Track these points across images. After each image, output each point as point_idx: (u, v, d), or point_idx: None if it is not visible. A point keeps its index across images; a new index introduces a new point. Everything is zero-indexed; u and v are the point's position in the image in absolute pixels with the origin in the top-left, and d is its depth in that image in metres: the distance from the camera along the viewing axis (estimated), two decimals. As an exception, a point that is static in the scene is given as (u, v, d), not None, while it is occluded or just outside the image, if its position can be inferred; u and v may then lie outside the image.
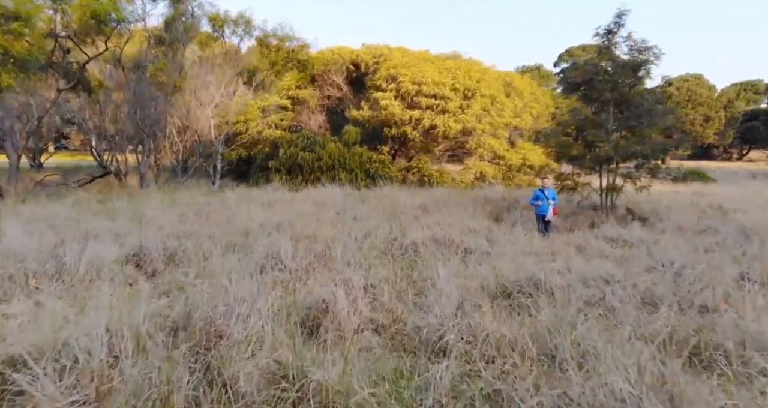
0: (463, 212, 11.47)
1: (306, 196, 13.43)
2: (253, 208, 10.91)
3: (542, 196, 9.57)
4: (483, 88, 18.40)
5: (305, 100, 22.03)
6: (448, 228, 9.00)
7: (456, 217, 10.27)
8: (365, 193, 14.30)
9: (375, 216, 10.34)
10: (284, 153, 17.07)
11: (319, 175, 16.96)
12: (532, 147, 19.25)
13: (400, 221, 9.67)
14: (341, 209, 11.08)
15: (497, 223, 10.44)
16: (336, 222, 9.38)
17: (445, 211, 11.41)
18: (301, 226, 8.63)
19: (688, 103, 49.48)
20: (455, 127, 17.58)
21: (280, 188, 16.01)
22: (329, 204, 12.22)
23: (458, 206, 12.35)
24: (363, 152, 17.53)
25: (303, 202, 12.39)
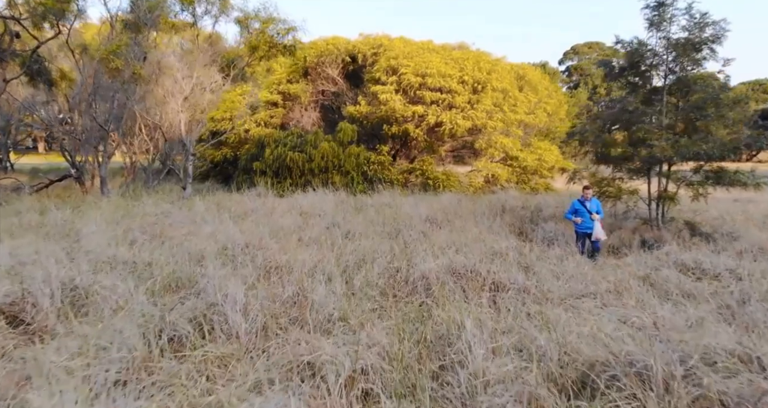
0: (480, 225, 9.48)
1: (292, 203, 11.42)
2: (223, 221, 8.91)
3: (583, 209, 7.59)
4: (494, 80, 16.42)
5: (297, 96, 20.02)
6: (464, 248, 7.01)
7: (473, 233, 8.27)
8: (362, 201, 12.29)
9: (372, 231, 8.35)
10: (270, 153, 15.07)
11: (310, 178, 14.96)
12: (548, 146, 17.25)
13: (403, 240, 7.67)
14: (332, 222, 9.07)
15: (524, 240, 8.45)
16: (323, 241, 7.37)
17: (458, 224, 9.42)
18: (277, 249, 6.63)
19: (699, 102, 47.46)
20: (463, 125, 15.60)
21: (264, 193, 14.00)
22: (318, 214, 10.22)
23: (472, 217, 10.36)
24: (360, 152, 15.54)
25: (287, 212, 10.39)
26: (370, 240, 7.47)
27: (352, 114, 17.31)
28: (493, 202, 13.09)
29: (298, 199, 12.17)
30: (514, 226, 9.63)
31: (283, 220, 9.15)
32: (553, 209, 11.41)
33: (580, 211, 7.63)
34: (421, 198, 14.02)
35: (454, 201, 12.95)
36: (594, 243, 7.39)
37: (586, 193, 7.72)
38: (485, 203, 12.74)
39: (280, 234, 7.82)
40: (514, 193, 15.00)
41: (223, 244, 6.76)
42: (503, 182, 15.97)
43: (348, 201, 12.30)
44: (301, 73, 20.50)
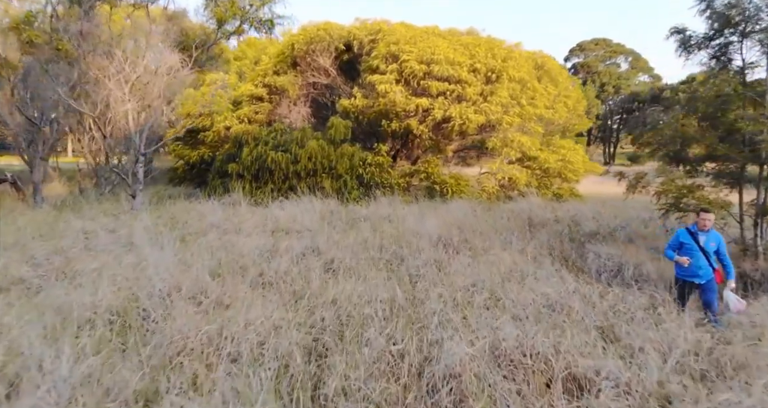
0: (509, 247, 7.20)
1: (267, 216, 9.11)
2: (167, 244, 6.61)
3: (692, 245, 4.86)
4: (511, 69, 14.13)
5: (284, 89, 17.71)
6: (500, 293, 4.72)
7: (505, 263, 5.98)
8: (355, 211, 10.00)
9: (365, 260, 6.05)
10: (249, 153, 12.77)
11: (296, 182, 12.66)
12: (572, 145, 14.94)
13: (409, 276, 5.38)
14: (311, 245, 6.76)
15: (574, 270, 6.18)
16: (291, 282, 5.08)
17: (480, 246, 7.13)
18: (215, 298, 4.34)
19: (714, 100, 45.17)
20: (476, 120, 13.30)
21: (240, 201, 11.71)
22: (297, 232, 7.94)
23: (495, 234, 8.08)
24: (354, 152, 13.24)
25: (258, 228, 8.11)
26: (361, 278, 5.17)
27: (346, 108, 15.01)
28: (516, 212, 10.81)
29: (276, 210, 9.87)
30: (554, 248, 7.34)
31: (247, 242, 6.86)
32: (595, 223, 9.13)
33: (687, 248, 4.86)
34: (427, 206, 11.73)
35: (468, 211, 10.66)
36: (709, 303, 4.73)
37: (704, 221, 4.87)
38: (506, 214, 10.47)
39: (235, 267, 5.51)
40: (536, 201, 12.71)
41: (134, 291, 4.45)
42: (521, 187, 13.67)
43: (338, 212, 10.00)
44: (289, 63, 18.18)
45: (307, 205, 10.84)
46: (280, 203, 11.48)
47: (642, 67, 57.82)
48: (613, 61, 57.97)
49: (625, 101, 52.38)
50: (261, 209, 10.43)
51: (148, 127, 10.26)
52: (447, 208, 11.44)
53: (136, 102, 11.04)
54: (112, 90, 10.50)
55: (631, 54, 57.87)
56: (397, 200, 12.34)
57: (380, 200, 12.11)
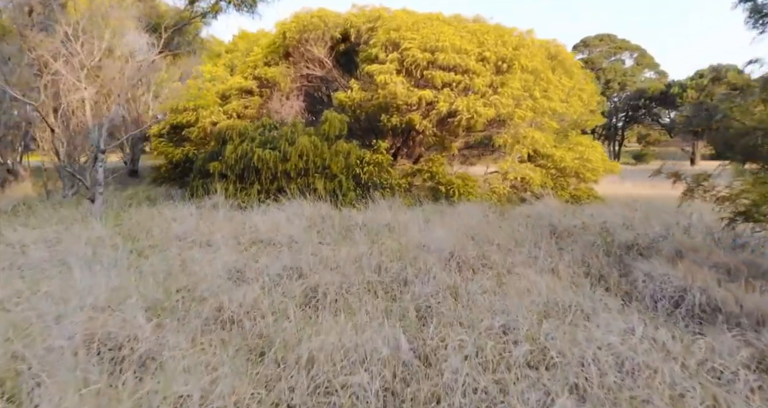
0: (534, 263, 5.89)
1: (246, 223, 7.79)
2: (110, 261, 5.28)
3: None
4: (523, 58, 12.79)
5: (276, 82, 16.37)
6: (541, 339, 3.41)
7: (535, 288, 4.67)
8: (350, 218, 8.67)
9: (358, 285, 4.73)
10: (233, 150, 11.43)
11: (285, 183, 11.34)
12: (590, 142, 13.61)
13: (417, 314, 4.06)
14: (292, 264, 5.42)
15: (625, 299, 4.87)
16: (258, 321, 3.76)
17: (501, 263, 5.81)
18: (141, 354, 3.02)
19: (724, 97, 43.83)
20: (485, 114, 11.97)
21: (221, 205, 10.40)
22: (279, 244, 6.63)
23: (516, 247, 6.78)
24: (351, 150, 11.91)
25: (231, 240, 6.78)
26: (352, 315, 3.85)
27: (342, 102, 13.67)
28: (533, 217, 9.50)
29: (259, 216, 8.54)
30: (590, 265, 6.02)
31: (215, 260, 5.54)
32: (629, 232, 7.81)
33: None
34: (432, 210, 10.43)
35: (479, 216, 9.35)
36: None
37: None
38: (523, 220, 9.15)
39: (187, 299, 4.19)
40: (553, 203, 11.39)
41: (27, 342, 3.13)
42: (535, 188, 12.35)
43: (331, 217, 8.68)
44: (281, 54, 16.85)
45: (296, 209, 9.54)
46: (266, 207, 10.17)
47: (648, 63, 56.49)
48: (618, 57, 56.65)
49: (630, 98, 51.03)
50: (242, 214, 9.11)
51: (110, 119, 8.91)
52: (455, 213, 10.13)
53: (94, 91, 9.66)
54: (64, 75, 9.14)
55: (636, 50, 56.54)
56: (398, 203, 11.03)
57: (379, 203, 10.79)
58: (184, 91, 17.21)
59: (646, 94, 49.19)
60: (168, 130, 16.72)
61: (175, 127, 16.54)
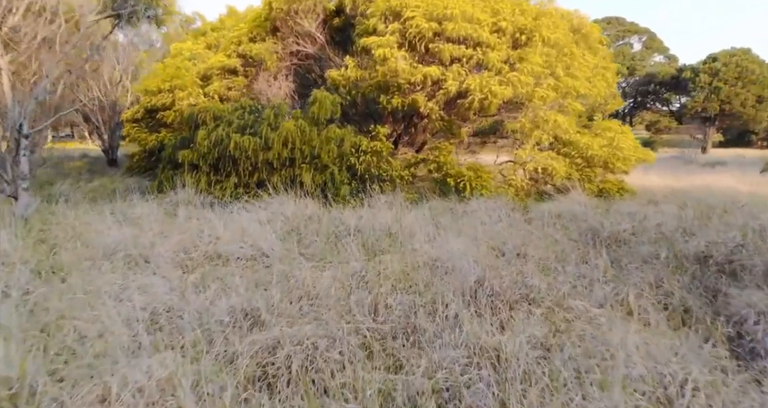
0: (591, 292, 4.23)
1: (205, 229, 6.08)
2: None
3: None
4: (544, 29, 11.01)
5: (262, 60, 14.57)
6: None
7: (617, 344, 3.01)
8: (341, 219, 6.94)
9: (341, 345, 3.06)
10: (206, 136, 9.71)
11: (266, 174, 9.65)
12: (619, 127, 11.85)
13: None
14: (247, 305, 3.73)
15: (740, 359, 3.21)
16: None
17: (546, 293, 4.15)
18: None
19: (737, 81, 41.97)
20: (501, 94, 10.23)
21: (188, 202, 8.74)
22: (242, 261, 4.96)
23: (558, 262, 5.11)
24: (345, 136, 10.19)
25: (178, 254, 5.10)
26: None
27: (335, 81, 11.92)
28: (566, 217, 7.83)
29: (230, 217, 6.86)
30: (670, 294, 4.35)
31: (133, 294, 3.86)
32: (694, 240, 6.12)
33: None
34: (441, 209, 8.75)
35: (499, 216, 7.68)
36: None
37: None
38: (555, 222, 7.47)
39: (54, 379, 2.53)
40: (582, 199, 9.72)
41: None
42: (558, 180, 10.65)
43: (317, 219, 6.99)
44: (268, 28, 15.03)
45: (278, 206, 7.86)
46: (243, 204, 8.50)
47: (657, 47, 54.42)
48: (626, 40, 54.57)
49: (640, 83, 49.04)
50: (212, 214, 7.42)
51: (36, 96, 7.12)
52: (468, 212, 8.47)
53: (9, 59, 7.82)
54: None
55: (645, 33, 54.43)
56: (400, 199, 9.37)
57: (377, 199, 9.14)
58: (161, 70, 15.45)
59: (656, 79, 47.22)
60: (142, 114, 14.96)
61: (150, 111, 14.79)
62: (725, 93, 41.08)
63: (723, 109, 41.79)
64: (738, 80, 41.84)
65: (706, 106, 41.74)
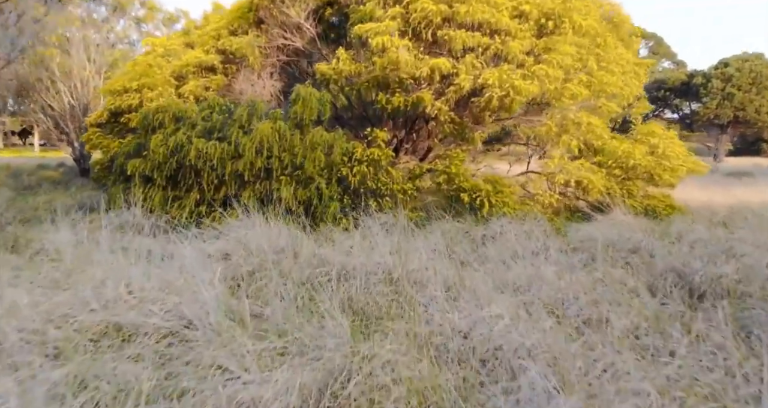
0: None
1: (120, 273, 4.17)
2: None
3: None
4: (575, 14, 9.18)
5: (244, 55, 12.72)
6: None
7: None
8: (322, 257, 5.00)
9: None
10: (162, 142, 7.82)
11: (237, 189, 7.74)
12: (665, 132, 9.94)
13: None
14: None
15: None
16: None
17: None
18: None
19: (752, 87, 40.27)
20: (526, 90, 8.36)
21: (133, 225, 6.86)
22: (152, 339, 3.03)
23: (662, 341, 3.16)
24: (335, 141, 8.29)
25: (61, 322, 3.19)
26: None
27: (325, 75, 10.05)
28: (623, 247, 5.92)
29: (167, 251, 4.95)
30: None
31: None
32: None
33: None
34: (456, 234, 6.86)
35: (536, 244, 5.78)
36: None
37: None
38: (610, 254, 5.56)
39: None
40: (628, 220, 7.84)
41: None
42: (596, 195, 8.74)
43: (290, 255, 5.06)
44: (251, 20, 13.18)
45: (243, 232, 5.94)
46: (201, 230, 6.61)
47: (664, 52, 52.73)
48: (633, 46, 52.97)
49: (649, 89, 47.26)
50: (152, 244, 5.52)
51: None
52: (491, 236, 6.57)
53: None
54: None
55: (652, 38, 52.75)
56: (402, 219, 7.48)
57: (375, 218, 7.24)
58: (130, 67, 13.63)
59: (665, 85, 45.51)
60: (107, 117, 13.07)
61: (116, 114, 12.90)
62: (739, 99, 39.35)
63: (737, 116, 40.05)
64: (752, 86, 40.14)
65: (719, 113, 39.99)
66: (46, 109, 18.54)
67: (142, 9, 18.95)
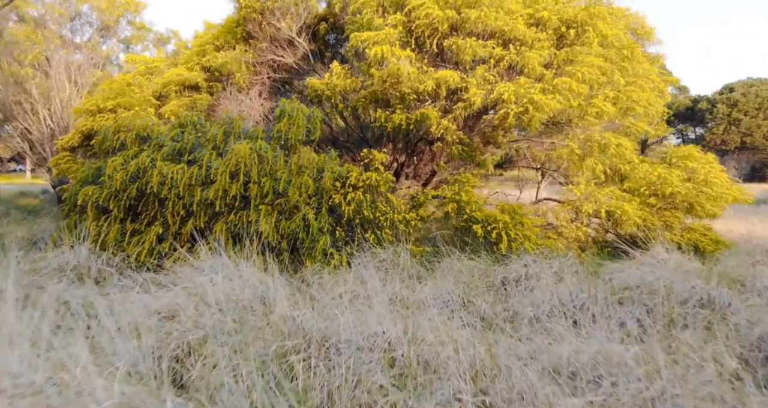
0: None
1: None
2: None
3: None
4: (600, 23, 8.10)
5: (231, 72, 11.66)
6: None
7: None
8: (296, 320, 3.70)
9: None
10: (120, 166, 6.59)
11: (208, 221, 6.48)
12: (703, 156, 8.72)
13: None
14: None
15: None
16: None
17: None
18: None
19: (758, 113, 39.49)
20: (546, 106, 7.20)
21: (74, 267, 5.59)
22: None
23: None
24: (324, 164, 7.06)
25: None
26: None
27: (317, 91, 8.92)
28: (689, 299, 4.64)
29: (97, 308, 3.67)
30: None
31: None
32: None
33: None
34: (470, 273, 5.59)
35: (573, 291, 4.50)
36: None
37: None
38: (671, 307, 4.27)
39: None
40: (674, 258, 6.58)
41: None
42: (630, 227, 7.47)
43: (259, 315, 3.77)
44: (239, 35, 12.17)
45: (203, 278, 4.67)
46: (156, 274, 5.35)
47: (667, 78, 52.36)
48: (634, 71, 52.54)
49: (652, 114, 46.57)
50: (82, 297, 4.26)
51: None
52: (515, 279, 5.31)
53: None
54: None
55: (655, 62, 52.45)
56: (405, 255, 6.26)
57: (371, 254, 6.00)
58: (106, 86, 12.55)
59: (669, 110, 44.72)
60: (79, 140, 11.91)
61: (89, 137, 11.75)
62: (746, 125, 38.54)
63: (744, 141, 39.17)
64: (759, 111, 39.38)
65: (726, 138, 39.12)
66: (24, 133, 17.41)
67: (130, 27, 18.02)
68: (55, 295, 4.69)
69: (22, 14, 15.36)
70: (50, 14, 15.35)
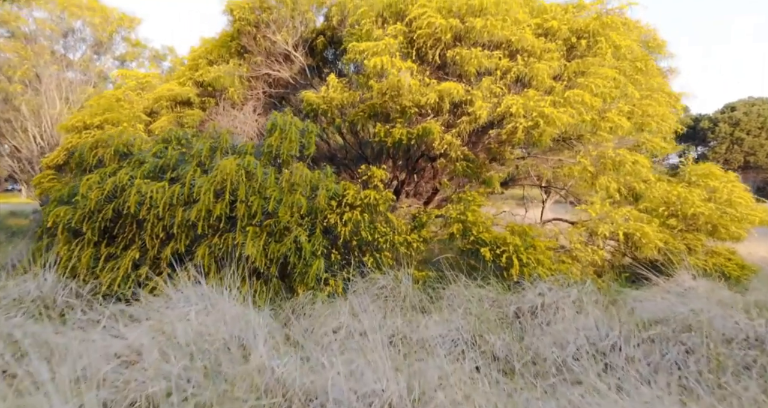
0: None
1: None
2: None
3: None
4: (613, 33, 7.64)
5: (224, 87, 11.18)
6: None
7: None
8: (280, 378, 3.12)
9: None
10: (94, 185, 6.04)
11: (190, 244, 5.89)
12: (724, 174, 8.17)
13: None
14: None
15: None
16: None
17: None
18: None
19: (761, 131, 39.18)
20: (558, 120, 6.68)
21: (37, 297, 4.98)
22: None
23: None
24: (318, 181, 6.50)
25: None
26: None
27: (312, 104, 8.42)
28: (728, 339, 4.01)
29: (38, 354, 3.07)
30: None
31: None
32: None
33: None
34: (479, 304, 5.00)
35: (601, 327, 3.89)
36: None
37: None
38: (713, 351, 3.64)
39: None
40: (702, 285, 5.97)
41: None
42: (650, 251, 6.88)
43: (238, 360, 3.16)
44: (233, 49, 11.72)
45: (175, 312, 4.09)
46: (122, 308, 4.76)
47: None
48: (633, 90, 52.51)
49: (653, 132, 46.35)
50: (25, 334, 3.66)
51: None
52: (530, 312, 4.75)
53: None
54: None
55: (653, 82, 52.43)
56: (407, 281, 5.68)
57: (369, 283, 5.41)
58: (94, 102, 12.09)
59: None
60: (64, 158, 11.38)
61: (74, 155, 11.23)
62: (749, 144, 38.20)
63: (747, 161, 38.79)
64: (762, 130, 39.07)
65: (728, 157, 38.75)
66: (13, 152, 16.93)
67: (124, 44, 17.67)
68: (6, 332, 4.08)
69: (12, 30, 15.00)
70: (41, 30, 14.98)
